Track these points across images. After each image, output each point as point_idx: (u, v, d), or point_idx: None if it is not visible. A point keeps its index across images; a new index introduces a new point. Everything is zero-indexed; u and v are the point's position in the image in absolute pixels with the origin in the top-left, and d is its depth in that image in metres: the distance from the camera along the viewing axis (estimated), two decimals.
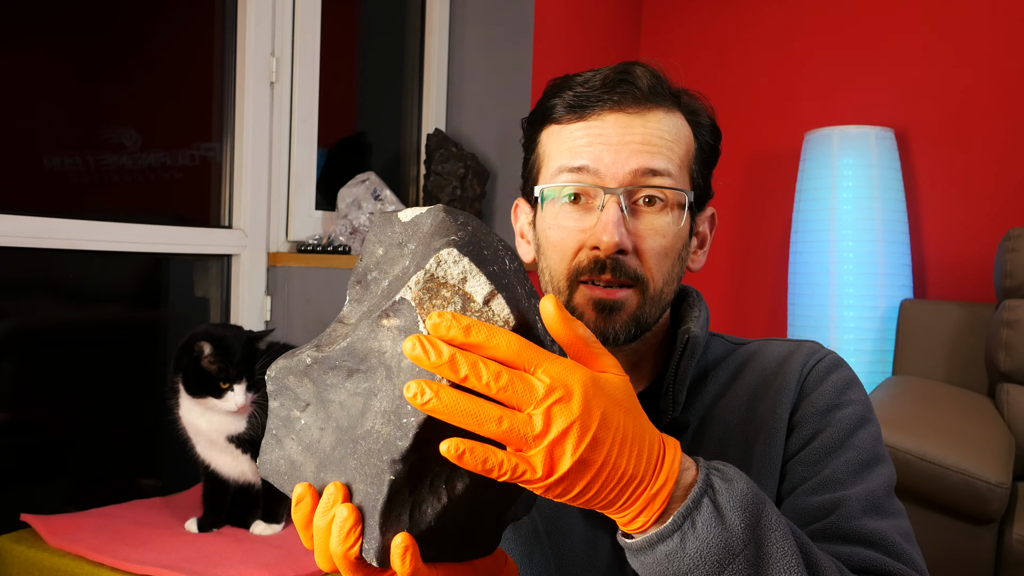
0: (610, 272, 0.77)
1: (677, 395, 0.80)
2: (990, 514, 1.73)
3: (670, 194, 0.79)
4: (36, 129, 1.72)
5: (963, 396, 2.26)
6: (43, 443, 1.69)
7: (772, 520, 0.58)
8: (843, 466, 0.78)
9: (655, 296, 0.79)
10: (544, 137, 0.84)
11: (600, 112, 0.79)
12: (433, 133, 2.45)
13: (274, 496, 1.47)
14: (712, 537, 0.55)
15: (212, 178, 1.98)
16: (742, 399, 0.83)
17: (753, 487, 0.59)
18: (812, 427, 0.80)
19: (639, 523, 0.55)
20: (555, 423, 0.49)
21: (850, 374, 0.84)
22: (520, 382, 0.49)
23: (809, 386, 0.82)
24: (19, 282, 1.68)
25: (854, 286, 2.58)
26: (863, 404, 0.82)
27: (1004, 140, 2.68)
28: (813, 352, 0.85)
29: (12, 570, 1.37)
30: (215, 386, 1.39)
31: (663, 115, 0.80)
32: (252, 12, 1.94)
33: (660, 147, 0.79)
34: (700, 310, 0.86)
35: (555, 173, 0.80)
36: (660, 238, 0.79)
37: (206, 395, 1.40)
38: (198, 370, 1.40)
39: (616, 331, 0.78)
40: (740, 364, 0.86)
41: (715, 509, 0.56)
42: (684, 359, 0.81)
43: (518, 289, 0.55)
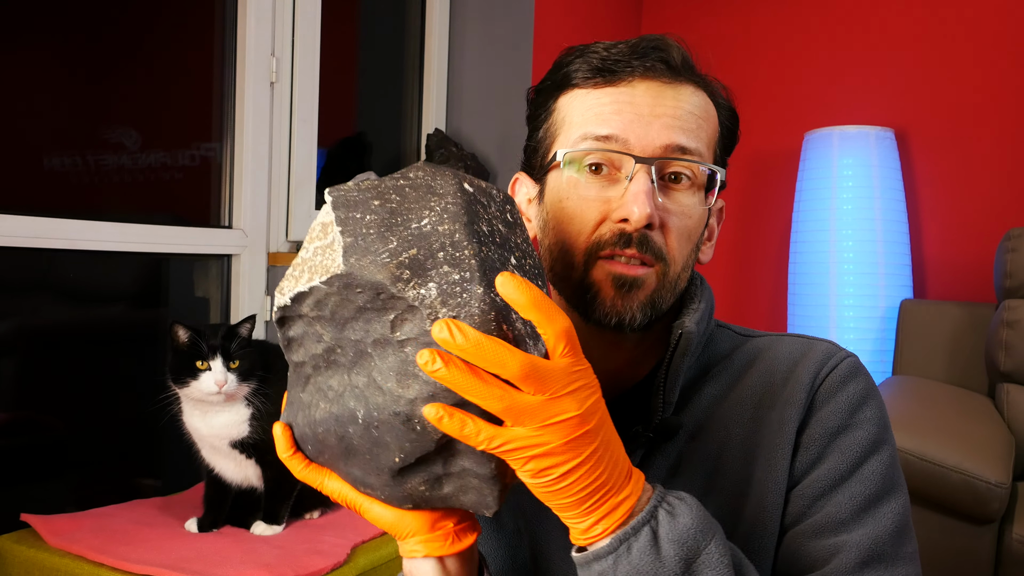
0: (636, 247, 0.71)
1: (669, 395, 0.74)
2: (990, 514, 1.73)
3: (698, 172, 0.74)
4: (36, 129, 1.72)
5: (963, 396, 2.26)
6: (43, 443, 1.69)
7: (714, 559, 0.58)
8: (847, 503, 0.71)
9: (673, 279, 0.74)
10: (563, 103, 0.76)
11: (630, 79, 0.73)
12: (433, 133, 2.45)
13: (276, 497, 1.47)
14: (644, 565, 0.57)
15: (212, 178, 1.98)
16: (747, 404, 0.76)
17: (701, 523, 0.58)
18: (817, 450, 0.73)
19: (597, 530, 0.57)
20: (556, 409, 0.52)
21: (867, 385, 0.76)
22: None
23: (821, 399, 0.74)
24: (19, 282, 1.68)
25: (854, 286, 2.58)
26: (877, 423, 0.74)
27: (1004, 140, 2.68)
28: (828, 356, 0.76)
29: (12, 570, 1.37)
30: (192, 367, 1.37)
31: (693, 91, 0.75)
32: (252, 12, 1.94)
33: (691, 123, 0.74)
34: (702, 301, 0.78)
35: (577, 140, 0.73)
36: (686, 218, 0.74)
37: (187, 378, 1.37)
38: (177, 355, 1.38)
39: (633, 311, 0.72)
40: (746, 362, 0.79)
41: (653, 539, 0.57)
42: (676, 356, 0.74)
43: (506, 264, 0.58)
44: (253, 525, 1.47)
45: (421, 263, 0.54)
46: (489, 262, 0.55)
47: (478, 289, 0.53)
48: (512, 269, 0.57)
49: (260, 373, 1.43)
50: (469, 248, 0.55)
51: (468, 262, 0.54)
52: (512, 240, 0.60)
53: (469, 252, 0.55)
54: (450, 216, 0.56)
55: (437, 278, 0.54)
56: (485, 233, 0.57)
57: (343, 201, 0.57)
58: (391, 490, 0.60)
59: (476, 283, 0.54)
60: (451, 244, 0.55)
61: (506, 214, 0.61)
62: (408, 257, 0.54)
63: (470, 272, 0.54)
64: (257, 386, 1.42)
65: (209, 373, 1.36)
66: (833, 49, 2.96)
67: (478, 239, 0.56)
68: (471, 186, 0.60)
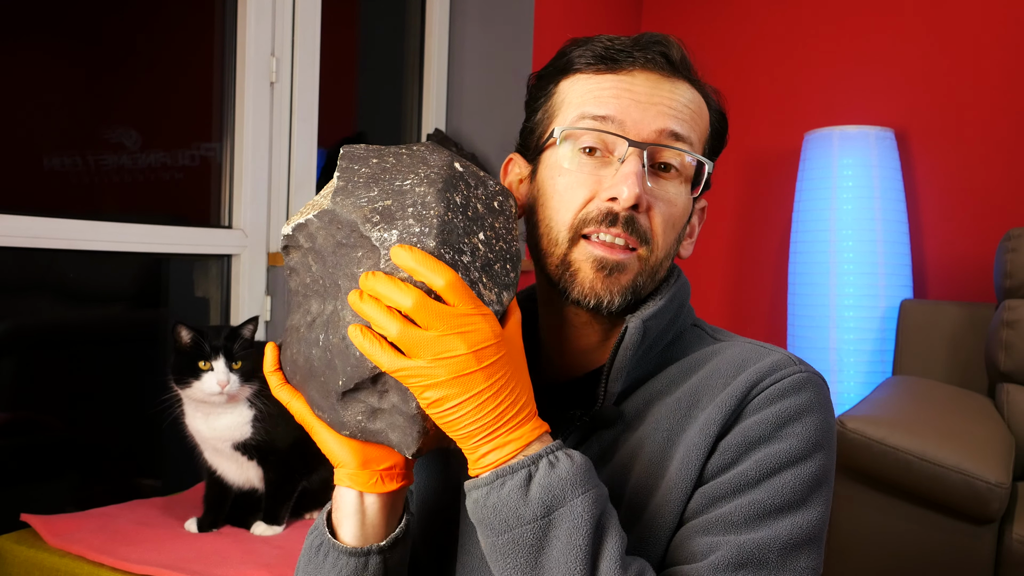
0: (622, 226, 0.73)
1: (612, 385, 0.75)
2: (990, 514, 1.73)
3: (687, 165, 0.77)
4: (36, 129, 1.72)
5: (963, 396, 2.26)
6: (43, 443, 1.69)
7: (576, 512, 0.62)
8: (745, 508, 0.69)
9: (654, 265, 0.76)
10: (564, 86, 0.79)
11: (631, 68, 0.76)
12: (433, 133, 2.46)
13: (276, 498, 1.47)
14: (511, 502, 0.63)
15: (212, 178, 1.98)
16: (683, 403, 0.76)
17: (577, 478, 0.63)
18: (732, 456, 0.71)
19: (484, 462, 0.64)
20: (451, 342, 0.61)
21: (807, 402, 0.73)
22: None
23: (751, 409, 0.73)
24: (19, 282, 1.68)
25: (854, 286, 2.58)
26: (805, 441, 0.71)
27: (1004, 140, 2.68)
28: (775, 368, 0.74)
29: (12, 570, 1.37)
30: (195, 367, 1.37)
31: (688, 88, 0.78)
32: (252, 12, 1.94)
33: (685, 115, 0.76)
34: (663, 298, 0.78)
35: (575, 120, 0.76)
36: (672, 206, 0.76)
37: (189, 379, 1.37)
38: (179, 356, 1.38)
39: (613, 295, 0.74)
40: (698, 363, 0.79)
41: (527, 482, 0.63)
42: (622, 349, 0.74)
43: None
44: (253, 525, 1.47)
45: (392, 213, 0.63)
46: (451, 226, 0.63)
47: (431, 243, 0.62)
48: (477, 242, 0.65)
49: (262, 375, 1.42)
50: (436, 208, 0.63)
51: (431, 220, 0.63)
52: (488, 221, 0.67)
53: (435, 212, 0.63)
54: (429, 181, 0.65)
55: (401, 227, 0.63)
56: (457, 204, 0.65)
57: (349, 155, 0.68)
58: (335, 414, 0.68)
59: (431, 238, 0.62)
60: (422, 204, 0.64)
61: (493, 200, 0.68)
62: (383, 206, 0.64)
63: (429, 228, 0.62)
64: (260, 388, 1.41)
65: (211, 373, 1.36)
66: (833, 49, 2.96)
67: (446, 204, 0.64)
68: (463, 167, 0.68)
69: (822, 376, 0.77)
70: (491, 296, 0.65)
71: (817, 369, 0.78)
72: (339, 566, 0.72)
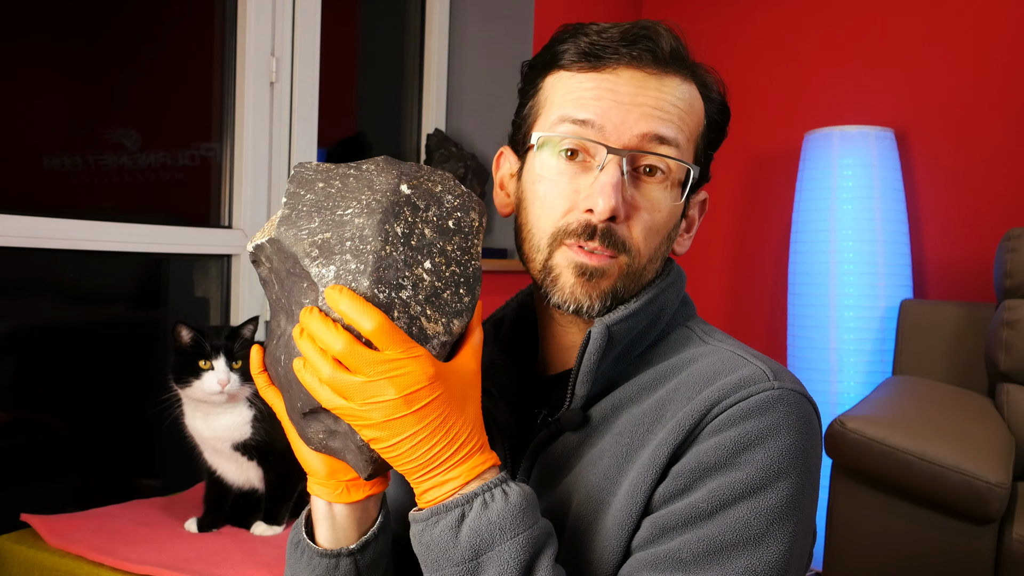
0: (599, 239, 0.72)
1: (577, 389, 0.74)
2: (990, 514, 1.73)
3: (673, 167, 0.74)
4: (36, 129, 1.72)
5: (963, 396, 2.26)
6: (43, 443, 1.69)
7: (504, 557, 0.62)
8: (695, 544, 0.65)
9: (636, 271, 0.74)
10: (549, 83, 0.78)
11: (616, 66, 0.73)
12: (433, 133, 2.46)
13: (276, 498, 1.47)
14: (442, 542, 0.63)
15: (212, 178, 1.98)
16: (648, 414, 0.72)
17: (509, 520, 0.62)
18: (684, 483, 0.67)
19: (426, 499, 0.64)
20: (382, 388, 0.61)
21: (772, 423, 0.67)
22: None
23: (709, 431, 0.68)
24: (19, 282, 1.68)
25: (854, 286, 2.58)
26: (765, 468, 0.66)
27: (1004, 140, 2.68)
28: (744, 384, 0.69)
29: (12, 570, 1.37)
30: (195, 367, 1.37)
31: (680, 82, 0.75)
32: (252, 12, 1.94)
33: (672, 115, 0.73)
34: (640, 302, 0.75)
35: (556, 122, 0.74)
36: (656, 212, 0.74)
37: (189, 378, 1.37)
38: (179, 355, 1.38)
39: (592, 300, 0.73)
40: (674, 369, 0.75)
41: (458, 523, 0.63)
42: (587, 353, 0.73)
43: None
44: (253, 525, 1.47)
45: (331, 247, 0.63)
46: (388, 261, 0.62)
47: (365, 281, 0.61)
48: (422, 272, 0.63)
49: None
50: (373, 243, 0.62)
51: (366, 256, 0.62)
52: (439, 246, 0.65)
53: (371, 247, 0.62)
54: (369, 211, 0.64)
55: (338, 262, 0.62)
56: (398, 234, 0.63)
57: (298, 177, 0.67)
58: (301, 429, 0.69)
59: (366, 276, 0.61)
60: (359, 237, 0.62)
61: (448, 219, 0.66)
62: (322, 239, 0.63)
63: (364, 265, 0.62)
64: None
65: (212, 373, 1.36)
66: (833, 49, 2.96)
67: (384, 238, 0.63)
68: (412, 187, 0.66)
69: (805, 394, 0.72)
70: (436, 328, 0.64)
71: (802, 380, 0.71)
72: (312, 564, 0.73)
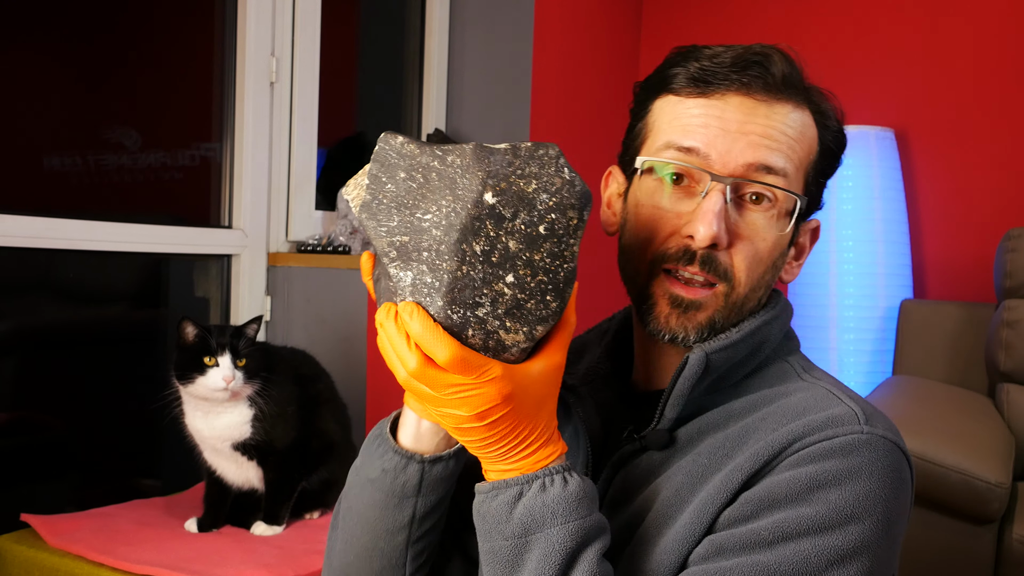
0: (699, 264, 0.71)
1: (667, 411, 0.73)
2: (990, 514, 1.73)
3: (780, 196, 0.72)
4: (36, 129, 1.72)
5: (963, 396, 2.26)
6: (43, 443, 1.69)
7: (551, 541, 0.63)
8: (748, 568, 0.64)
9: (737, 302, 0.73)
10: (657, 106, 0.76)
11: (725, 92, 0.72)
12: (433, 133, 2.45)
13: (276, 498, 1.47)
14: (498, 515, 0.65)
15: (212, 178, 1.98)
16: (731, 440, 0.72)
17: (563, 507, 0.64)
18: (749, 511, 0.66)
19: (493, 475, 0.66)
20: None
21: (853, 466, 0.66)
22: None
23: (786, 464, 0.67)
24: (19, 282, 1.68)
25: (854, 286, 2.58)
26: (838, 510, 0.64)
27: (1004, 140, 2.68)
28: (832, 424, 0.68)
29: (12, 570, 1.37)
30: (199, 363, 1.36)
31: (791, 109, 0.74)
32: (252, 12, 1.94)
33: (781, 143, 0.72)
34: (741, 333, 0.73)
35: (661, 148, 0.74)
36: (760, 241, 0.72)
37: (192, 374, 1.36)
38: (184, 352, 1.38)
39: (687, 332, 0.72)
40: (765, 401, 0.73)
41: (515, 500, 0.64)
42: (681, 379, 0.72)
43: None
44: (253, 525, 1.47)
45: (408, 252, 0.61)
46: (465, 281, 0.60)
47: (439, 300, 0.60)
48: (503, 287, 0.60)
49: (264, 374, 1.42)
50: (449, 263, 0.59)
51: (442, 275, 0.60)
52: (524, 257, 0.60)
53: (447, 267, 0.59)
54: (447, 225, 0.60)
55: (415, 270, 0.60)
56: (476, 253, 0.60)
57: (381, 157, 0.62)
58: None
59: (440, 295, 0.60)
60: (436, 251, 0.60)
61: (540, 224, 0.61)
62: (400, 241, 0.61)
63: (439, 283, 0.60)
64: (261, 387, 1.41)
65: (217, 369, 1.36)
66: (833, 49, 2.96)
67: (461, 258, 0.59)
68: (498, 194, 0.60)
69: (897, 443, 0.69)
70: (517, 338, 0.62)
71: (896, 434, 0.69)
72: (385, 459, 0.74)
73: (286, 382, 1.48)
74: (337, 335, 1.89)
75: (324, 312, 1.92)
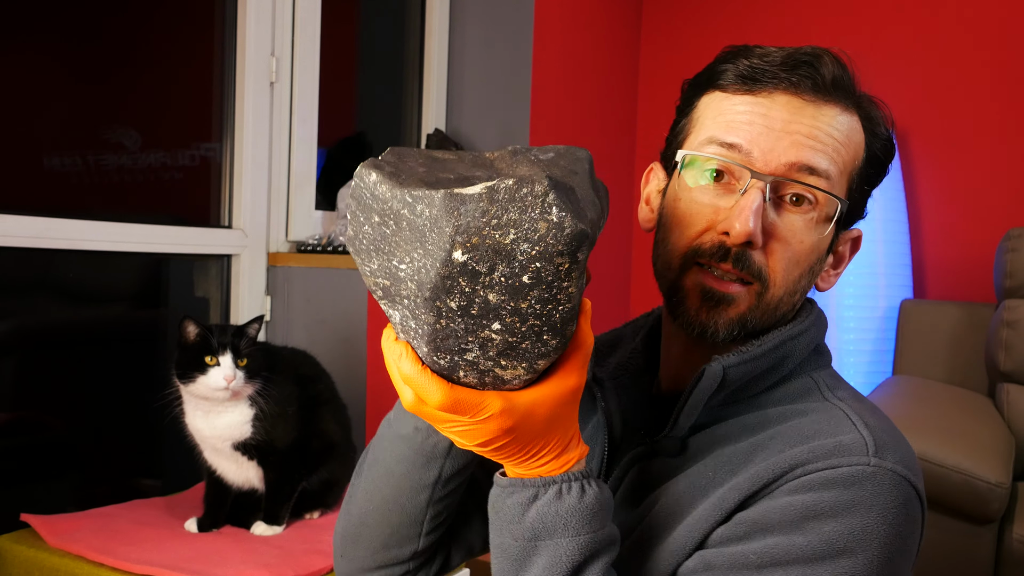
0: (732, 262, 0.69)
1: (682, 419, 0.72)
2: (990, 514, 1.73)
3: (822, 199, 0.71)
4: (36, 129, 1.72)
5: (963, 396, 2.26)
6: (43, 443, 1.69)
7: (559, 551, 0.62)
8: None
9: (771, 303, 0.71)
10: (704, 102, 0.75)
11: (772, 91, 0.71)
12: (433, 133, 2.45)
13: (277, 499, 1.47)
14: (510, 512, 0.64)
15: (212, 178, 1.98)
16: (739, 455, 0.71)
17: (574, 519, 0.62)
18: (741, 532, 0.66)
19: (511, 472, 0.65)
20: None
21: (853, 499, 0.64)
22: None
23: (785, 489, 0.65)
24: (19, 282, 1.68)
25: (854, 286, 2.58)
26: (830, 542, 0.63)
27: (1004, 140, 2.68)
28: (838, 452, 0.66)
29: (12, 570, 1.37)
30: (200, 362, 1.36)
31: (839, 112, 0.72)
32: (252, 12, 1.94)
33: (827, 145, 0.71)
34: (764, 347, 0.72)
35: (703, 143, 0.73)
36: (797, 244, 0.71)
37: (194, 373, 1.36)
38: (185, 351, 1.38)
39: (717, 326, 0.71)
40: (780, 418, 0.72)
41: (529, 501, 0.63)
42: (697, 390, 0.71)
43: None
44: (253, 525, 1.47)
45: (391, 295, 0.58)
46: (446, 332, 0.56)
47: (423, 347, 0.58)
48: (490, 333, 0.56)
49: (265, 374, 1.42)
50: (426, 316, 0.56)
51: (423, 326, 0.57)
52: (510, 306, 0.55)
53: (424, 319, 0.56)
54: (419, 281, 0.55)
55: (401, 312, 0.58)
56: (452, 309, 0.55)
57: (358, 194, 0.57)
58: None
59: (424, 342, 0.58)
60: (414, 303, 0.56)
61: (522, 275, 0.54)
62: (383, 283, 0.58)
63: (422, 331, 0.57)
64: (262, 386, 1.41)
65: (218, 368, 1.36)
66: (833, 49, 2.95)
67: (436, 314, 0.56)
68: (469, 251, 0.53)
69: (908, 477, 0.66)
70: (516, 372, 0.58)
71: (909, 468, 0.66)
72: (418, 418, 0.73)
73: (287, 382, 1.48)
74: (337, 335, 1.89)
75: (324, 312, 1.92)
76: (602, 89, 2.94)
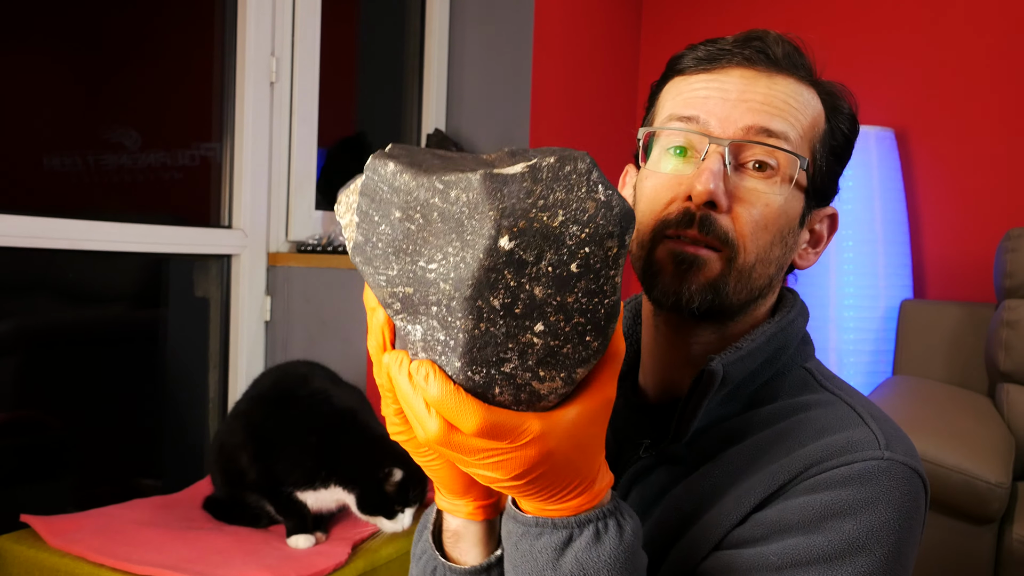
0: (697, 227, 0.69)
1: (681, 425, 0.71)
2: (990, 514, 1.73)
3: (784, 162, 0.71)
4: (36, 129, 1.72)
5: (963, 396, 2.26)
6: (43, 443, 1.69)
7: None
8: None
9: (743, 269, 0.70)
10: (665, 90, 0.78)
11: (727, 67, 0.73)
12: (433, 133, 2.45)
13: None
14: (540, 558, 0.57)
15: (212, 178, 1.98)
16: (747, 454, 0.70)
17: (613, 564, 0.56)
18: (760, 533, 0.65)
19: (533, 510, 0.57)
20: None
21: (869, 496, 0.64)
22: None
23: (801, 488, 0.66)
24: (19, 282, 1.68)
25: (854, 286, 2.58)
26: (849, 540, 0.63)
27: (1004, 140, 2.68)
28: (850, 448, 0.66)
29: (12, 570, 1.37)
30: (390, 508, 1.42)
31: (792, 82, 0.73)
32: (252, 12, 1.94)
33: (782, 110, 0.71)
34: (758, 341, 0.72)
35: (664, 121, 0.75)
36: (761, 206, 0.70)
37: (378, 515, 1.43)
38: (383, 496, 1.42)
39: (691, 292, 0.69)
40: (785, 413, 0.72)
41: (563, 545, 0.56)
42: (695, 394, 0.70)
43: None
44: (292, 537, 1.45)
45: (414, 305, 0.51)
46: (485, 339, 0.49)
47: (456, 362, 0.50)
48: (532, 337, 0.50)
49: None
50: (464, 322, 0.49)
51: (456, 334, 0.50)
52: (556, 301, 0.50)
53: (462, 325, 0.49)
54: (456, 278, 0.48)
55: (425, 324, 0.51)
56: (495, 308, 0.49)
57: (371, 190, 0.51)
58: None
59: (456, 356, 0.50)
60: (447, 308, 0.49)
61: (571, 263, 0.49)
62: (403, 292, 0.51)
63: (455, 342, 0.50)
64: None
65: (403, 516, 1.43)
66: (833, 49, 2.95)
67: (477, 315, 0.49)
68: (517, 237, 0.48)
69: (916, 469, 0.67)
70: (554, 384, 0.52)
71: (916, 463, 0.67)
72: (429, 562, 0.68)
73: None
74: (337, 335, 1.89)
75: (324, 312, 1.92)
76: (602, 89, 2.94)
